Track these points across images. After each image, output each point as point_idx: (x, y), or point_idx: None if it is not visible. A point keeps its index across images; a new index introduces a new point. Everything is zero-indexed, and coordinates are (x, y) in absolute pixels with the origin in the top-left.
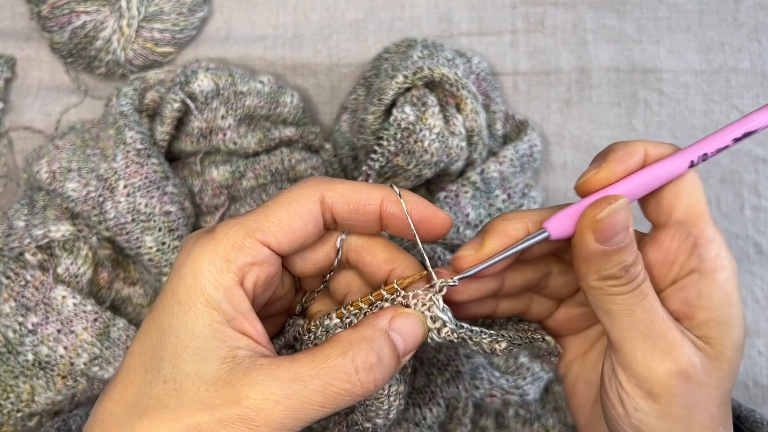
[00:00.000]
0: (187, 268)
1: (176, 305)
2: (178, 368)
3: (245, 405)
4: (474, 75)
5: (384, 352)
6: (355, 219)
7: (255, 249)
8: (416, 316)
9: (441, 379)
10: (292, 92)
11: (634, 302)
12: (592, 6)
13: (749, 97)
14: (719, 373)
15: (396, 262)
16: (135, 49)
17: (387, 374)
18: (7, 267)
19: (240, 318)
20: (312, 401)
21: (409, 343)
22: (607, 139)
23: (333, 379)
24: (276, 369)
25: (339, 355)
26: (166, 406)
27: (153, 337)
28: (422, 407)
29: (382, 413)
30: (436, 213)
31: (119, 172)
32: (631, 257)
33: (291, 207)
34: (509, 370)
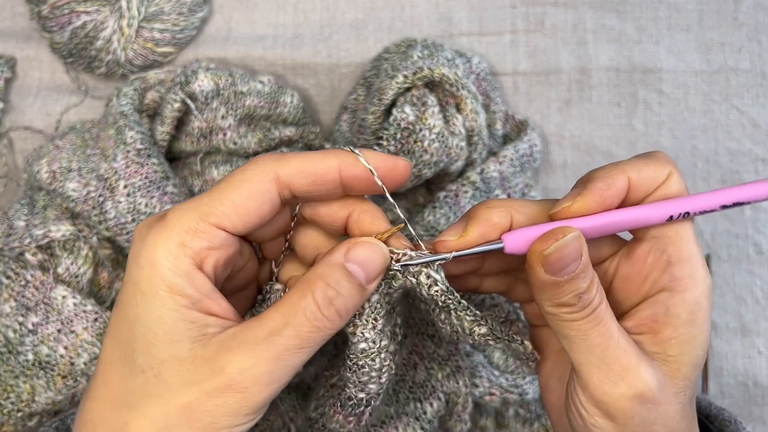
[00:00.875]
0: (143, 258)
1: (139, 295)
2: (152, 356)
3: (228, 372)
4: (474, 75)
5: (341, 284)
6: (315, 190)
7: (210, 233)
8: (372, 243)
9: (441, 373)
10: (292, 92)
11: (589, 327)
12: (592, 6)
13: (749, 97)
14: (675, 388)
15: (351, 206)
16: (135, 49)
17: (351, 304)
18: (7, 267)
19: (205, 300)
20: (290, 347)
21: (370, 270)
22: (607, 139)
23: (302, 321)
24: (248, 331)
25: (301, 298)
26: (152, 394)
27: (122, 330)
28: (423, 402)
29: (374, 374)
30: (396, 162)
31: (119, 172)
32: (585, 284)
33: (244, 188)
34: (508, 369)
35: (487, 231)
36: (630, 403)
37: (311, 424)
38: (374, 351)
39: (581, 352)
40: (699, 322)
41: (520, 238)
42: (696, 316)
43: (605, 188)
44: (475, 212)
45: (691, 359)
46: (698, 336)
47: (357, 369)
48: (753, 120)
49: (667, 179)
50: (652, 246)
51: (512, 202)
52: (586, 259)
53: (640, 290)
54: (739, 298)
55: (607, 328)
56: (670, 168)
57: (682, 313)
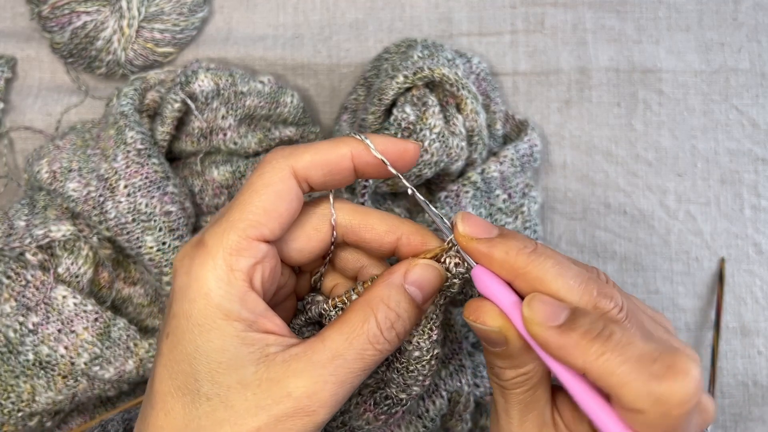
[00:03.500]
0: (194, 291)
1: (196, 328)
2: (218, 383)
3: (296, 396)
4: (474, 75)
5: (401, 307)
6: (330, 180)
7: (253, 248)
8: (429, 264)
9: (444, 372)
10: (292, 92)
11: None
12: (592, 6)
13: (749, 97)
14: None
15: (398, 230)
16: (135, 50)
17: (409, 326)
18: (7, 267)
19: (261, 319)
20: (354, 369)
21: (426, 291)
22: (606, 139)
23: (365, 345)
24: (312, 353)
25: (363, 321)
26: (220, 420)
27: (180, 362)
28: (425, 400)
29: (421, 378)
30: (406, 146)
31: (120, 172)
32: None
33: (269, 192)
34: None
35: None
36: None
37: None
38: (426, 359)
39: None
40: None
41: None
42: None
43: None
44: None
45: None
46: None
47: (406, 372)
48: (753, 120)
49: None
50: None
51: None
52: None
53: None
54: (739, 298)
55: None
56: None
57: None
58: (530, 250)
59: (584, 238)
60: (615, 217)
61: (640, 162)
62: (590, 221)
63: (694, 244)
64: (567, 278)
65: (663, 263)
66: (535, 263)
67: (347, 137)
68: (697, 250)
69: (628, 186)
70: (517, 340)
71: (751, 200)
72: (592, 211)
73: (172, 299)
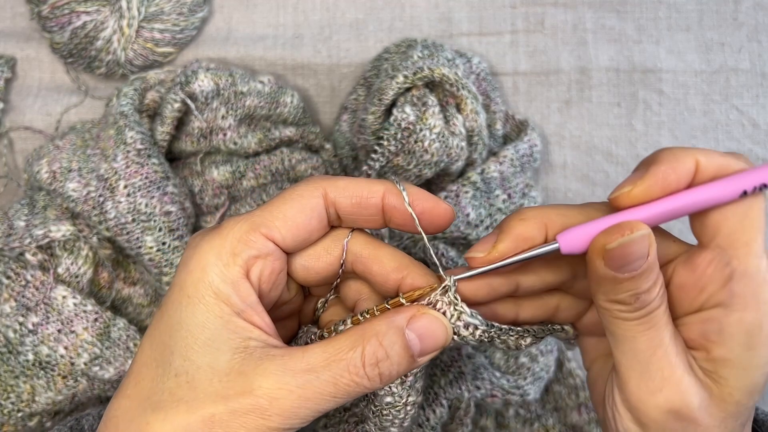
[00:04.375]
0: (194, 262)
1: (185, 299)
2: (189, 361)
3: (258, 394)
4: (474, 75)
5: (394, 349)
6: (358, 213)
7: (260, 242)
8: (439, 319)
9: (444, 380)
10: (292, 92)
11: (640, 330)
12: (592, 6)
13: (749, 97)
14: (722, 413)
15: (405, 270)
16: (135, 50)
17: (395, 371)
18: (7, 267)
19: (249, 310)
20: (324, 391)
21: (427, 344)
22: (607, 139)
23: (343, 371)
24: (289, 359)
25: (350, 348)
26: (180, 398)
27: (163, 332)
28: (426, 408)
29: (397, 422)
30: (438, 204)
31: (120, 172)
32: (646, 284)
33: (295, 202)
34: (510, 370)
35: (518, 246)
36: (663, 416)
37: None
38: (399, 405)
39: (625, 353)
40: (759, 346)
41: (576, 236)
42: (754, 338)
43: (669, 171)
44: (507, 225)
45: (747, 384)
46: (756, 360)
47: (380, 415)
48: (753, 120)
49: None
50: (715, 256)
51: (547, 210)
52: (653, 259)
53: (695, 302)
54: None
55: (658, 335)
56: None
57: (737, 335)
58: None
59: None
60: None
61: None
62: None
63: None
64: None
65: None
66: (538, 211)
67: (386, 180)
68: None
69: None
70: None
71: None
72: None
73: (175, 274)
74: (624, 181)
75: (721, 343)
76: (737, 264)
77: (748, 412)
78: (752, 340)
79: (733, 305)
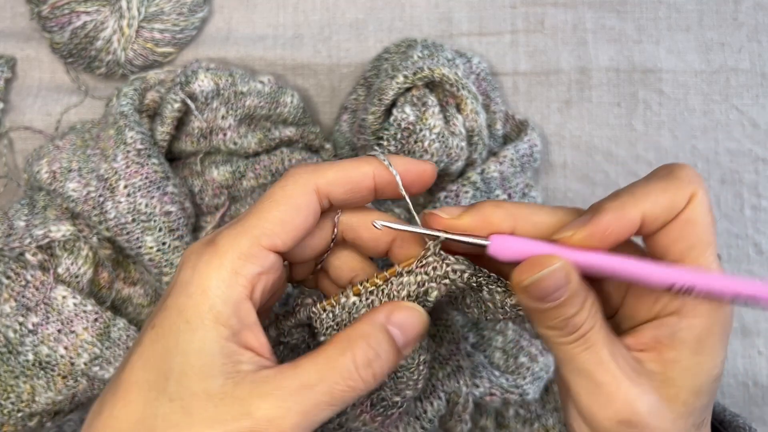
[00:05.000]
0: (194, 286)
1: (183, 324)
2: (184, 387)
3: (256, 417)
4: (474, 75)
5: (382, 348)
6: (351, 198)
7: (262, 257)
8: (415, 309)
9: (442, 372)
10: (292, 92)
11: (578, 351)
12: (592, 6)
13: (749, 97)
14: (672, 414)
15: (394, 232)
16: (135, 50)
17: (386, 368)
18: (7, 267)
19: (245, 331)
20: (321, 403)
21: (408, 335)
22: (607, 139)
23: (337, 380)
24: (282, 379)
25: (340, 355)
26: (175, 425)
27: (158, 356)
28: (423, 401)
29: (412, 383)
30: (424, 167)
31: (120, 172)
32: (572, 310)
33: (288, 204)
34: (509, 369)
35: (481, 225)
36: (616, 427)
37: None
38: (411, 367)
39: (570, 372)
40: (706, 351)
41: (506, 245)
42: (703, 344)
43: (610, 223)
44: (481, 205)
45: (693, 386)
46: (703, 364)
47: (395, 378)
48: (753, 120)
49: (689, 203)
50: None
51: (521, 208)
52: (575, 286)
53: (651, 310)
54: None
55: (597, 353)
56: (692, 189)
57: (687, 339)
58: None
59: None
60: None
61: (640, 162)
62: None
63: None
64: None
65: None
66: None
67: (369, 156)
68: None
69: None
70: (575, 274)
71: (751, 200)
72: None
73: (169, 292)
74: (570, 224)
75: (671, 347)
76: None
77: (698, 413)
78: (700, 345)
79: (685, 313)
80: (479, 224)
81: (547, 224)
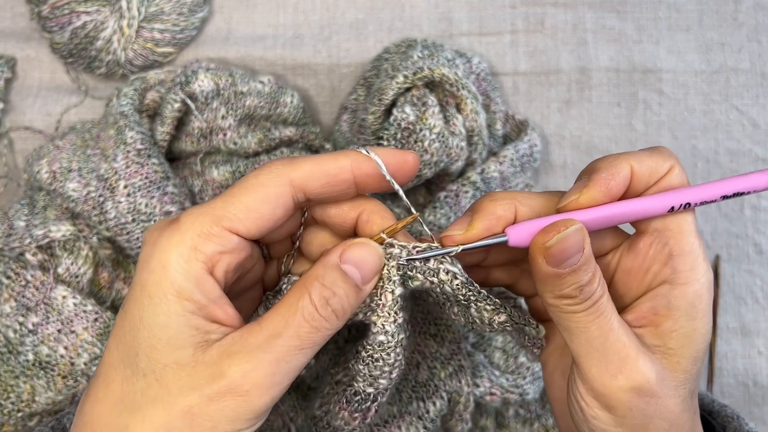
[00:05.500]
0: (155, 261)
1: (146, 299)
2: (155, 360)
3: (230, 376)
4: (474, 75)
5: (337, 284)
6: (329, 192)
7: (223, 237)
8: (367, 244)
9: (444, 372)
10: (292, 92)
11: (590, 320)
12: (592, 6)
13: (749, 97)
14: (675, 382)
15: (360, 206)
16: (135, 50)
17: (347, 304)
18: (7, 267)
19: (211, 305)
20: (290, 348)
21: (365, 270)
22: (607, 139)
23: (301, 322)
24: (248, 336)
25: (298, 299)
26: (154, 397)
27: (126, 333)
28: (425, 401)
29: (387, 368)
30: (406, 157)
31: (120, 172)
32: (586, 277)
33: (258, 192)
34: (509, 369)
35: (492, 224)
36: (628, 395)
37: (315, 422)
38: (391, 345)
39: (581, 344)
40: (699, 315)
41: (523, 231)
42: (696, 308)
43: (609, 178)
44: (480, 205)
45: (692, 352)
46: (698, 329)
47: (371, 362)
48: (753, 120)
49: (669, 172)
50: (654, 239)
51: (516, 194)
52: (588, 251)
53: (642, 283)
54: (739, 298)
55: (608, 321)
56: (672, 161)
57: (682, 306)
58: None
59: None
60: None
61: None
62: None
63: None
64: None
65: None
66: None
67: (349, 150)
68: None
69: None
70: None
71: (751, 200)
72: None
73: (135, 271)
74: (570, 190)
75: (668, 316)
76: (674, 243)
77: (693, 378)
78: (694, 310)
79: (677, 280)
80: (491, 224)
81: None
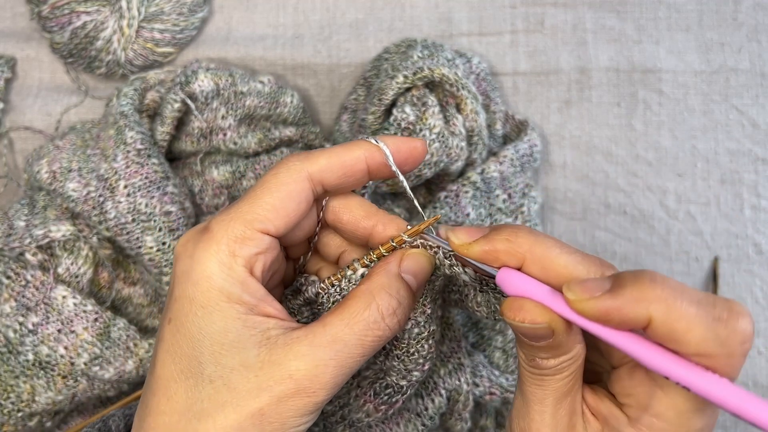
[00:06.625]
0: (197, 273)
1: (199, 310)
2: (221, 365)
3: (298, 377)
4: (474, 75)
5: (402, 294)
6: (345, 182)
7: (257, 239)
8: (421, 254)
9: (444, 370)
10: (292, 92)
11: (532, 381)
12: (592, 6)
13: (749, 97)
14: None
15: (374, 218)
16: (135, 50)
17: (408, 312)
18: (7, 267)
19: (261, 304)
20: (353, 354)
21: (419, 278)
22: (607, 139)
23: (366, 331)
24: (314, 337)
25: (365, 308)
26: (222, 402)
27: (183, 346)
28: (424, 398)
29: (422, 360)
30: (414, 144)
31: (120, 172)
32: (546, 355)
33: (281, 191)
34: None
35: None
36: None
37: (326, 417)
38: (425, 335)
39: (518, 389)
40: None
41: (512, 281)
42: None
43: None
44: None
45: None
46: None
47: (407, 356)
48: (753, 120)
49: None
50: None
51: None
52: (561, 339)
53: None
54: (739, 298)
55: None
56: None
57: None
58: (526, 231)
59: (584, 239)
60: (615, 217)
61: (640, 162)
62: (590, 221)
63: (694, 244)
64: (569, 253)
65: (663, 263)
66: (536, 241)
67: (360, 141)
68: (697, 251)
69: (628, 186)
70: (564, 329)
71: (751, 200)
72: (592, 212)
73: (174, 284)
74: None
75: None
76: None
77: None
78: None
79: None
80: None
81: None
